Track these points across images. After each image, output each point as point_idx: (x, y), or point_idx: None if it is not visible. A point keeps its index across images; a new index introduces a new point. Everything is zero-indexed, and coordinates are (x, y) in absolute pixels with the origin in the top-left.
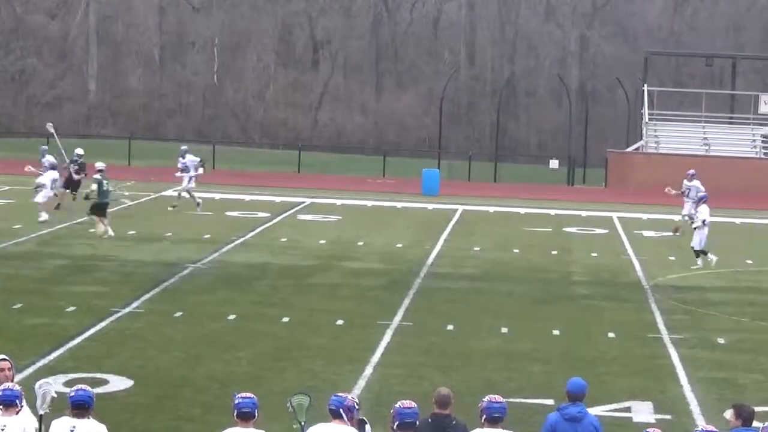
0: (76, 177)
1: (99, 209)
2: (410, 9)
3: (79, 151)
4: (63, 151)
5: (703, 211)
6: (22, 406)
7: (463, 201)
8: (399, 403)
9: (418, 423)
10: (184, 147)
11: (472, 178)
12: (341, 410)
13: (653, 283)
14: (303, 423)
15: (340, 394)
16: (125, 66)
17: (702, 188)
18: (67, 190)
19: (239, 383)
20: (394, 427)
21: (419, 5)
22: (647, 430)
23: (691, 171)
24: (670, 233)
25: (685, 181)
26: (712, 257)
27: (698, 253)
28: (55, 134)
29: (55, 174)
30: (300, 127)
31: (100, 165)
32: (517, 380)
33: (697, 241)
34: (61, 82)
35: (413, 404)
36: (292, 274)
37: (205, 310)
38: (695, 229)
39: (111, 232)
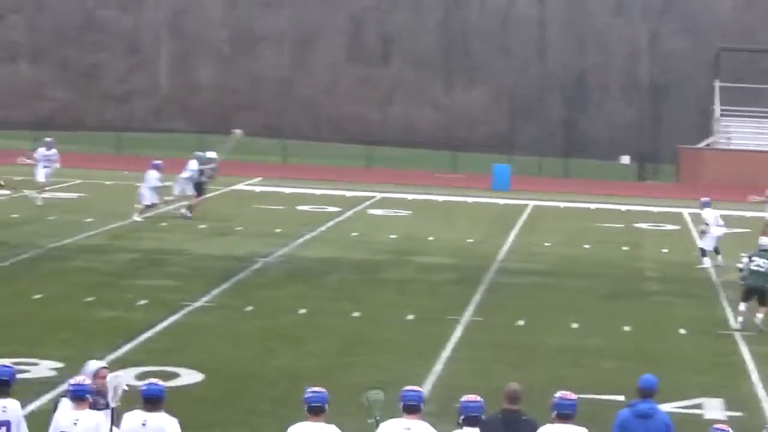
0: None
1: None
2: (480, 4)
3: (212, 154)
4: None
5: (707, 216)
6: (93, 400)
7: (534, 196)
8: (464, 397)
9: (486, 417)
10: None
11: (542, 174)
12: (420, 404)
13: (724, 279)
14: (378, 418)
15: (413, 387)
16: (196, 60)
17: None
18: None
19: (309, 377)
20: (460, 421)
21: (489, 1)
22: (714, 426)
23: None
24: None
25: None
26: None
27: (705, 252)
28: (234, 139)
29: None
30: (370, 122)
31: (211, 154)
32: (588, 376)
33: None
34: (132, 76)
35: (478, 398)
36: (362, 269)
37: (276, 305)
38: (702, 232)
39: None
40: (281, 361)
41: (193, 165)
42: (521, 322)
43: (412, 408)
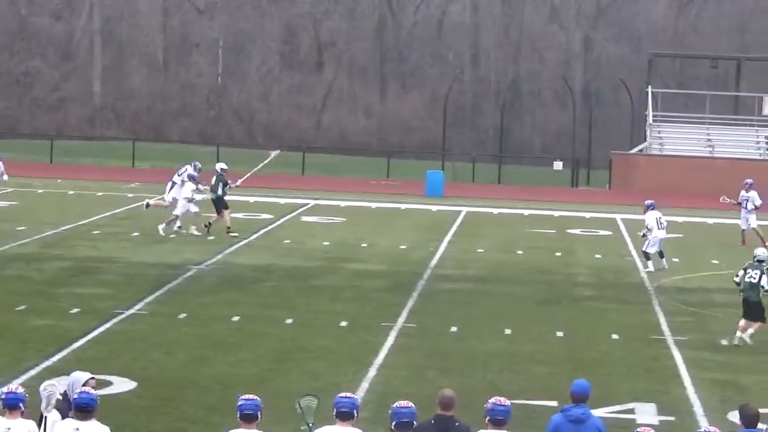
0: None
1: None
2: (414, 11)
3: (223, 165)
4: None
5: (649, 219)
6: (25, 409)
7: (467, 203)
8: (396, 403)
9: (419, 424)
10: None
11: (476, 180)
12: (354, 411)
13: (657, 285)
14: (311, 425)
15: (347, 394)
16: (129, 68)
17: (759, 199)
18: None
19: (243, 385)
20: (392, 427)
21: (423, 7)
22: (638, 430)
23: (749, 180)
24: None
25: (743, 192)
26: (654, 265)
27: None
28: (269, 159)
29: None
30: (304, 129)
31: (221, 165)
32: (521, 382)
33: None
34: (66, 83)
35: (410, 404)
36: (296, 276)
37: (209, 312)
38: (643, 236)
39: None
40: (214, 368)
41: (187, 189)
42: (454, 329)
43: (345, 415)
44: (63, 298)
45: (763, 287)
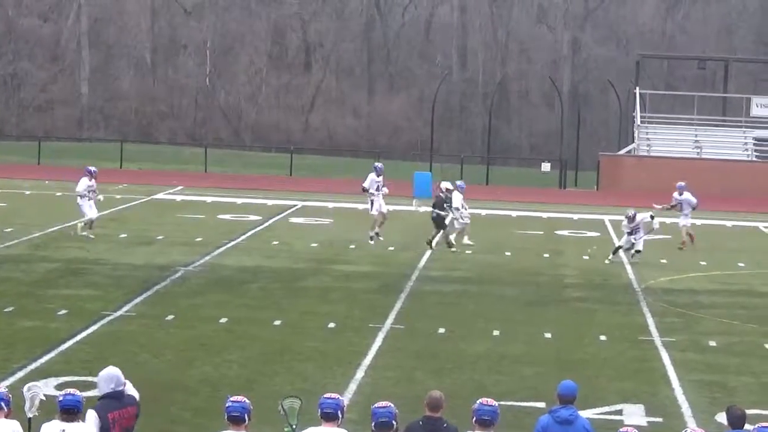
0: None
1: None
2: (402, 12)
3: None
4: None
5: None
6: (8, 410)
7: None
8: (376, 403)
9: (408, 425)
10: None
11: (464, 181)
12: (338, 412)
13: (645, 286)
14: (294, 426)
15: (332, 395)
16: (117, 69)
17: (694, 200)
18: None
19: (231, 386)
20: (373, 427)
21: (411, 8)
22: (620, 430)
23: (681, 183)
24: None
25: (675, 195)
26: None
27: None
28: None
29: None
30: (292, 130)
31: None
32: (509, 383)
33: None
34: (53, 85)
35: (389, 404)
36: (283, 278)
37: (197, 314)
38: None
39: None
40: (202, 370)
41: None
42: (442, 330)
43: (329, 416)
44: (51, 299)
45: None
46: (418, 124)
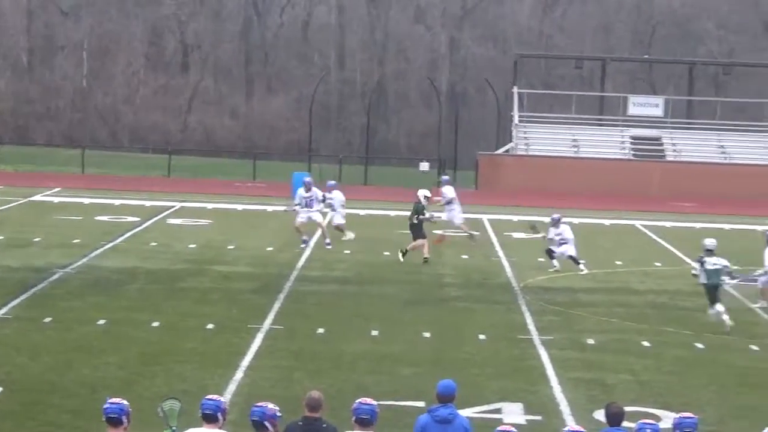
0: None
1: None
2: (280, 13)
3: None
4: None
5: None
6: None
7: None
8: (257, 403)
9: (287, 426)
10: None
11: (342, 181)
12: (218, 414)
13: (523, 285)
14: (174, 428)
15: (213, 396)
16: None
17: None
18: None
19: (109, 389)
20: (252, 424)
21: (289, 9)
22: (498, 428)
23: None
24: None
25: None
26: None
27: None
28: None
29: None
30: (170, 131)
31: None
32: (388, 383)
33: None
34: None
35: (269, 404)
36: (162, 279)
37: (75, 316)
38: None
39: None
40: (80, 372)
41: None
42: (321, 330)
43: (210, 417)
44: None
45: (727, 270)
46: (296, 125)
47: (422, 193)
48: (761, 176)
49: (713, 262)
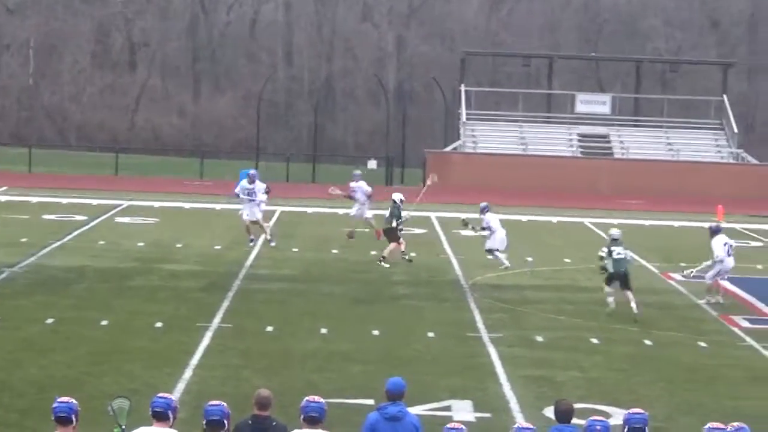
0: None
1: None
2: (227, 11)
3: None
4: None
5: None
6: None
7: (282, 202)
8: (209, 402)
9: (236, 424)
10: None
11: (290, 179)
12: (169, 412)
13: (472, 282)
14: (123, 426)
15: (164, 395)
16: None
17: (369, 188)
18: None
19: (58, 387)
20: (204, 426)
21: (236, 7)
22: (447, 425)
23: (357, 172)
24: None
25: (352, 183)
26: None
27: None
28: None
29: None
30: (117, 130)
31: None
32: (337, 381)
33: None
34: None
35: (222, 403)
36: (110, 277)
37: (23, 315)
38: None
39: None
40: (28, 371)
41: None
42: (270, 328)
43: (160, 415)
44: None
45: (629, 260)
46: (244, 123)
47: (397, 196)
48: (708, 173)
49: (618, 252)
